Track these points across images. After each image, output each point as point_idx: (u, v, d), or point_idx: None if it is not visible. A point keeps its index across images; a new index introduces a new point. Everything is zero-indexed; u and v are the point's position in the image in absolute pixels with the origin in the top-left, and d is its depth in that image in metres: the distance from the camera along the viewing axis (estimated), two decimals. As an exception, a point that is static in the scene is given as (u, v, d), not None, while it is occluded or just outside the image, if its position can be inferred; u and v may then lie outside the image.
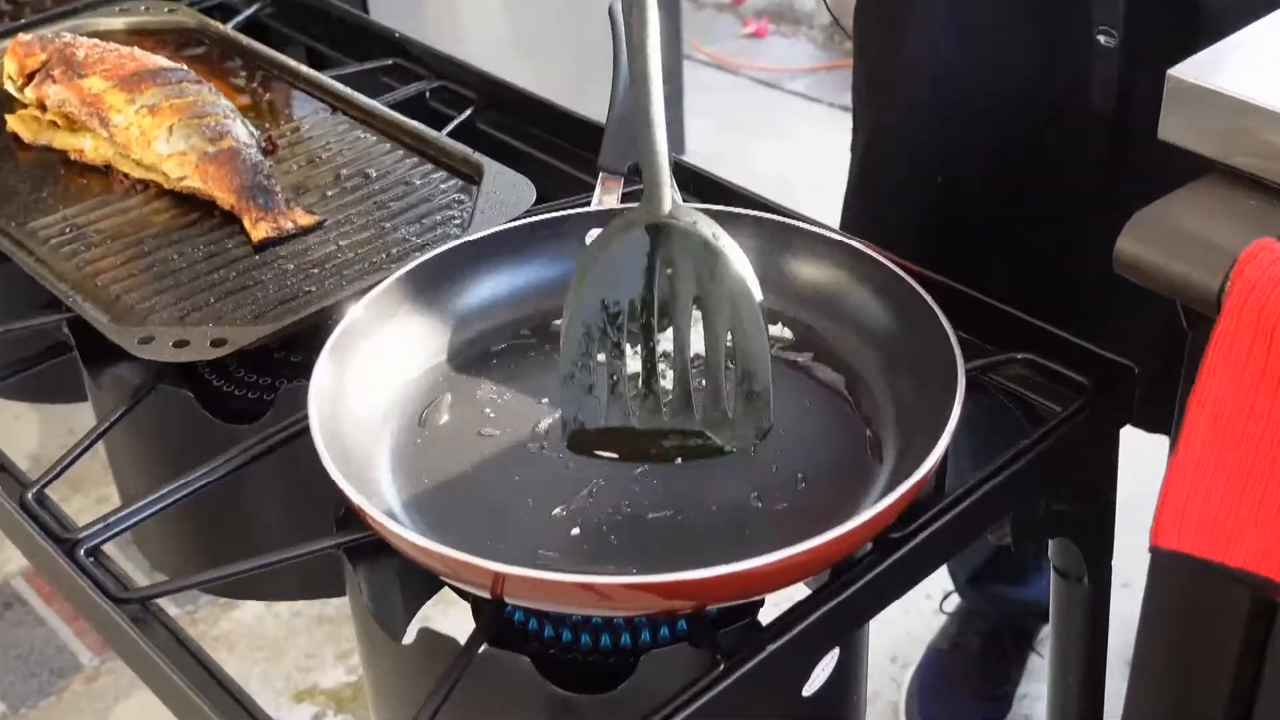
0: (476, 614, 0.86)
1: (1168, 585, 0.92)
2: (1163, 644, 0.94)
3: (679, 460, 0.85)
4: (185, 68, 1.19)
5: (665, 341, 0.85)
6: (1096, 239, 1.14)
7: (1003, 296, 0.96)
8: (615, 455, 0.85)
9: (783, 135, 2.89)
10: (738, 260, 0.83)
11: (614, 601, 0.76)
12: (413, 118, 1.19)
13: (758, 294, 0.83)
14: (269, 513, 1.00)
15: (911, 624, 1.78)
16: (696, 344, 0.84)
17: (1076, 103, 1.09)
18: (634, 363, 0.84)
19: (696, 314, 0.84)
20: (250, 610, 1.85)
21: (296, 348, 1.03)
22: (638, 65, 0.81)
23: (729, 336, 0.83)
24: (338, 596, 1.74)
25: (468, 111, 1.24)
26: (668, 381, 0.85)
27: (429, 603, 0.92)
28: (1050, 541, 0.96)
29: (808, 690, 0.82)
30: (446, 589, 0.90)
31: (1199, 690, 0.93)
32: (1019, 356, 0.93)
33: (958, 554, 0.83)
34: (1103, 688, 1.02)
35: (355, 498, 0.77)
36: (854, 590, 0.79)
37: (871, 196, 1.24)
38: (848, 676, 0.86)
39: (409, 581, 0.90)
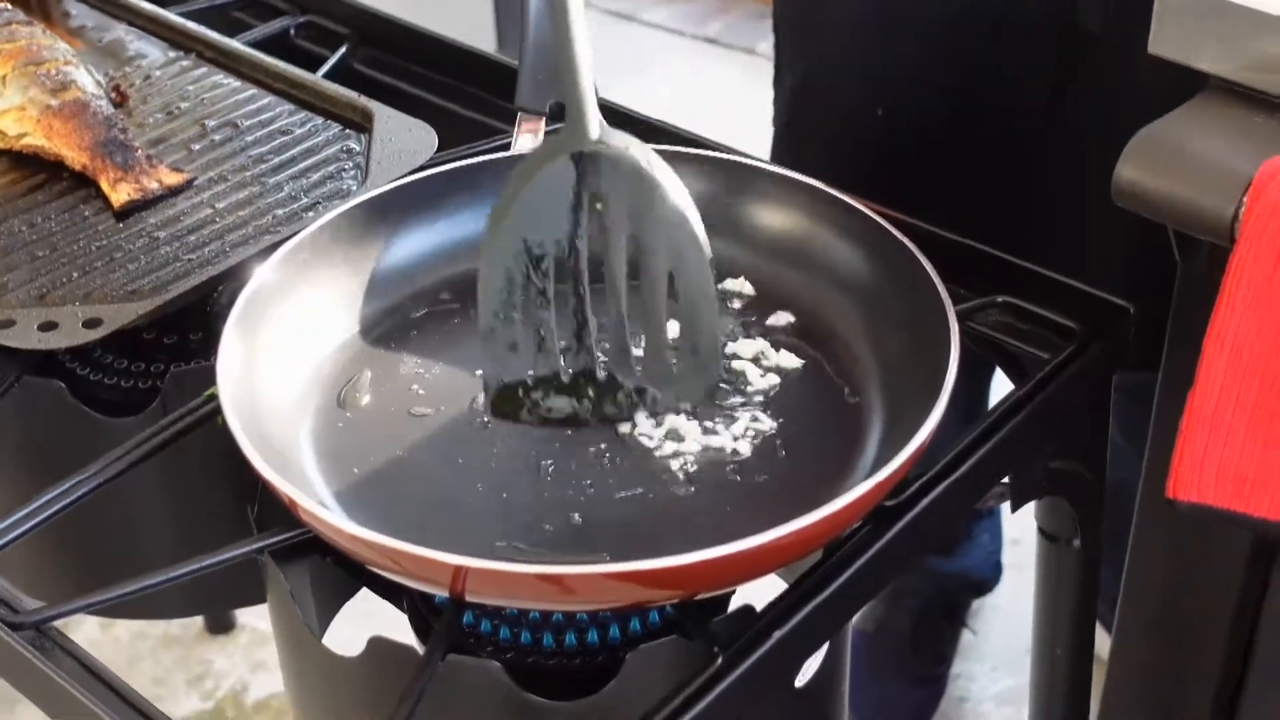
0: (416, 618, 0.84)
1: (1157, 536, 0.94)
2: (1153, 599, 0.96)
3: (619, 426, 0.85)
4: (9, 5, 1.14)
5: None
6: (1050, 168, 1.16)
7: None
8: (544, 420, 0.85)
9: (642, 74, 2.87)
10: (676, 191, 0.82)
11: (588, 595, 0.75)
12: (277, 59, 1.16)
13: (700, 229, 0.82)
14: (153, 519, 0.97)
15: (832, 607, 1.79)
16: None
17: (1028, 15, 1.10)
18: (562, 313, 0.83)
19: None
20: (85, 633, 1.79)
21: (171, 328, 1.00)
22: None
23: (669, 279, 0.82)
24: (219, 610, 1.70)
25: (341, 50, 1.21)
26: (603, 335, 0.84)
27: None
28: (1035, 503, 0.98)
29: (799, 681, 0.82)
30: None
31: (1193, 645, 0.95)
32: (998, 300, 0.94)
33: (958, 524, 0.84)
34: (1091, 657, 1.04)
35: (290, 492, 0.75)
36: (855, 569, 0.79)
37: (807, 132, 1.24)
38: (836, 664, 0.86)
39: (322, 587, 0.87)
